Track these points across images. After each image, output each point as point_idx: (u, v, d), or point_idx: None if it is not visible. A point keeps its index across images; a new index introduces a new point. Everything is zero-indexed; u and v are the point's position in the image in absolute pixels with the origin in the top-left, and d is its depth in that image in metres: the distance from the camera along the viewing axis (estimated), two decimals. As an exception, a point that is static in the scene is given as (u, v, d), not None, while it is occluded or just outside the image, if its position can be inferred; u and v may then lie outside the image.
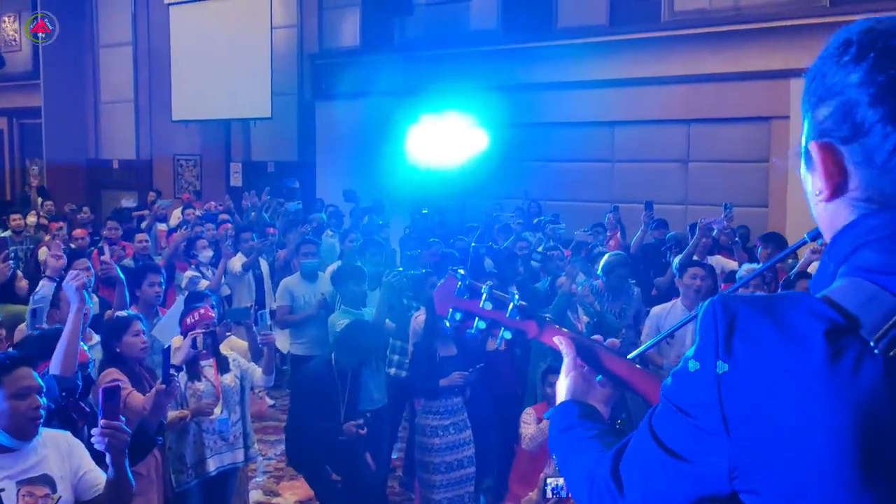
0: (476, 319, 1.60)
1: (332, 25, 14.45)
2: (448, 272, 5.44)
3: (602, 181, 11.85)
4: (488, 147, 11.08)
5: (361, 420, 5.13)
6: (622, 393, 1.60)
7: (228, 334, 5.31)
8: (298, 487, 6.12)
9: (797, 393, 0.92)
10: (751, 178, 10.60)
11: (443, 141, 10.74)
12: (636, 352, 2.02)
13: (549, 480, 4.26)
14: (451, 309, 1.61)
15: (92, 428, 2.84)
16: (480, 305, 1.60)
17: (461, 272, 1.63)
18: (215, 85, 14.79)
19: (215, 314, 5.05)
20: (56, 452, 3.01)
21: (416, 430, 5.46)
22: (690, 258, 6.59)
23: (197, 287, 7.10)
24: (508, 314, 1.59)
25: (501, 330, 1.60)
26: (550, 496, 4.30)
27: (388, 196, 11.97)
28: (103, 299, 6.14)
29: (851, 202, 1.03)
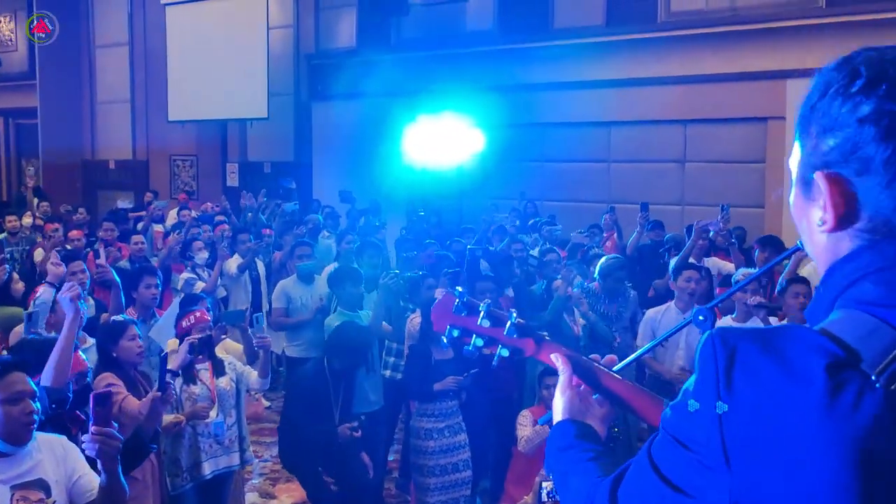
0: (473, 336, 1.61)
1: (329, 26, 14.43)
2: (444, 279, 5.39)
3: (599, 181, 11.84)
4: (485, 147, 11.09)
5: (356, 423, 5.12)
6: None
7: (224, 337, 5.30)
8: (294, 490, 6.11)
9: (798, 428, 0.91)
10: (747, 179, 10.60)
11: (439, 141, 10.75)
12: (628, 359, 2.02)
13: (545, 484, 4.25)
14: (449, 326, 1.61)
15: (85, 434, 2.83)
16: (478, 323, 1.60)
17: (459, 289, 1.63)
18: (212, 85, 14.77)
19: (211, 317, 5.05)
20: (51, 457, 3.01)
21: (411, 433, 5.46)
22: (686, 260, 6.60)
23: (193, 288, 7.10)
24: (506, 332, 1.60)
25: (499, 347, 1.61)
26: (546, 500, 4.30)
27: (385, 196, 11.96)
28: (99, 301, 6.14)
29: (855, 233, 1.02)
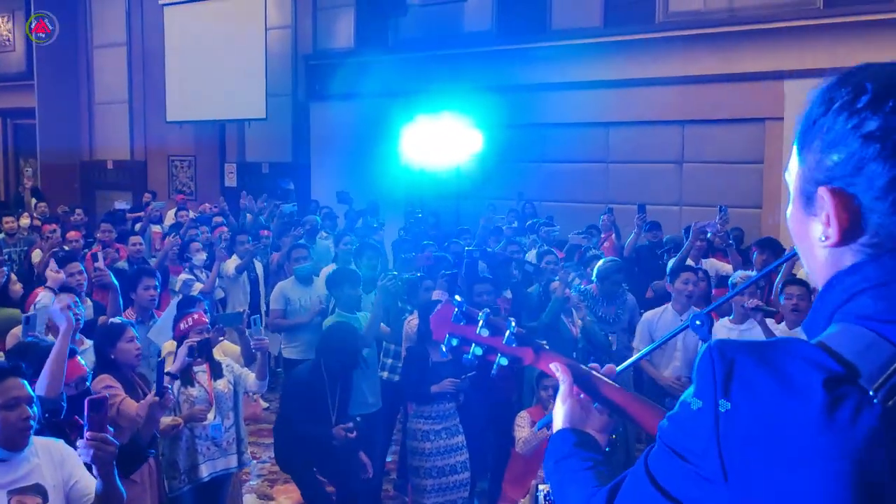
0: (473, 345, 1.61)
1: (327, 26, 14.42)
2: (441, 281, 5.38)
3: (596, 182, 11.84)
4: (483, 148, 11.09)
5: (351, 424, 5.12)
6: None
7: (221, 339, 5.31)
8: (292, 491, 6.10)
9: (795, 442, 0.91)
10: (745, 180, 10.59)
11: (437, 142, 10.75)
12: (626, 364, 2.02)
13: (541, 487, 4.25)
14: (448, 334, 1.62)
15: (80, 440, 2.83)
16: (477, 332, 1.60)
17: (458, 298, 1.63)
18: (210, 85, 14.75)
19: (208, 319, 5.05)
20: (49, 461, 3.00)
21: (408, 435, 5.46)
22: (684, 262, 6.60)
23: (191, 290, 7.09)
24: (505, 340, 1.60)
25: (498, 356, 1.61)
26: (542, 503, 4.30)
27: (383, 197, 11.96)
28: (97, 303, 6.13)
29: (858, 248, 1.01)
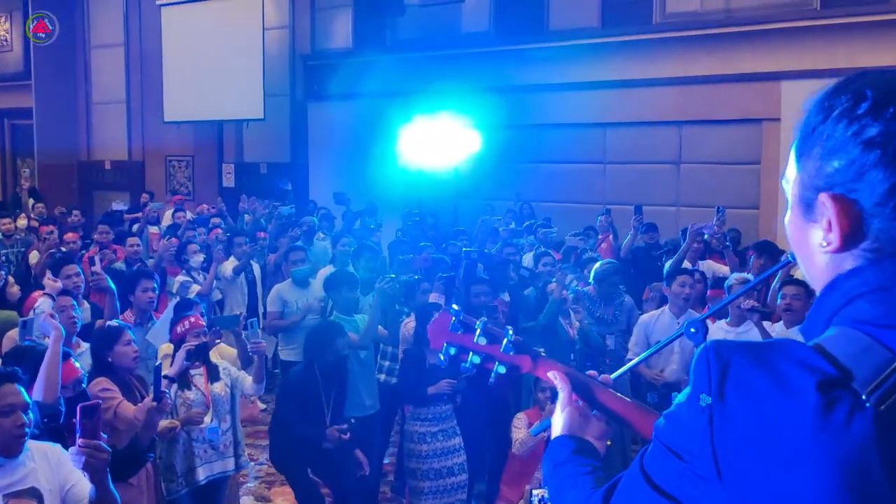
0: (470, 354, 1.62)
1: (325, 26, 14.41)
2: (438, 284, 5.39)
3: (594, 183, 11.85)
4: (481, 148, 11.08)
5: (346, 425, 5.11)
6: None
7: (218, 341, 5.31)
8: (290, 493, 6.08)
9: (788, 444, 0.92)
10: (742, 180, 10.60)
11: (435, 142, 10.74)
12: (623, 368, 2.02)
13: (536, 492, 4.26)
14: (446, 343, 1.62)
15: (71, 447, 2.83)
16: (475, 340, 1.61)
17: (455, 307, 1.64)
18: (207, 86, 14.73)
19: (205, 322, 5.06)
20: (45, 465, 3.00)
21: (405, 437, 5.47)
22: (680, 264, 6.61)
23: (188, 292, 7.10)
24: (503, 349, 1.61)
25: (496, 364, 1.62)
26: None
27: (381, 197, 11.95)
28: (94, 305, 6.12)
29: (859, 253, 1.01)
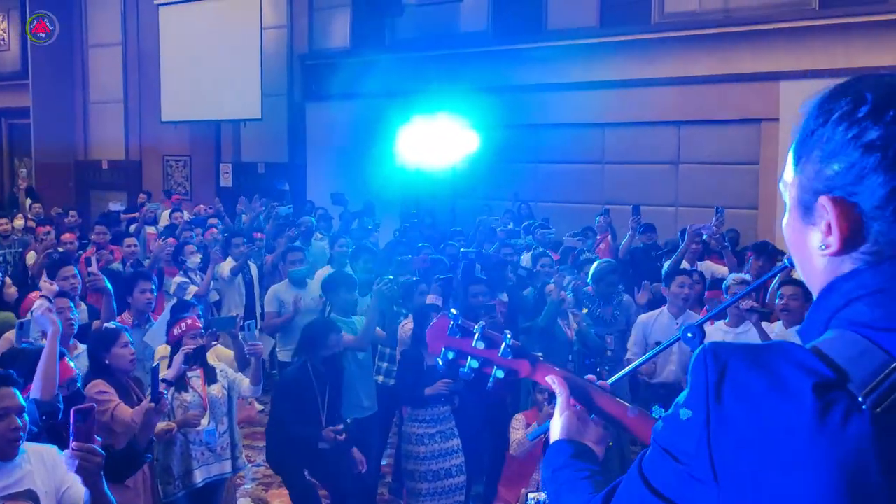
0: (469, 358, 1.62)
1: (323, 26, 14.40)
2: (436, 286, 5.36)
3: (592, 183, 11.84)
4: (479, 148, 11.08)
5: (341, 426, 5.10)
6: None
7: (214, 343, 5.29)
8: (287, 495, 6.08)
9: (785, 446, 0.92)
10: (741, 180, 10.61)
11: (433, 142, 10.73)
12: (621, 373, 2.01)
13: (531, 496, 4.25)
14: (444, 348, 1.62)
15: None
16: (473, 345, 1.61)
17: (454, 312, 1.64)
18: (205, 86, 14.72)
19: (202, 324, 5.04)
20: (41, 467, 2.99)
21: (403, 438, 5.46)
22: (679, 265, 6.60)
23: (186, 293, 7.08)
24: (501, 353, 1.61)
25: (494, 369, 1.62)
26: None
27: (379, 197, 11.95)
28: (92, 307, 6.10)
29: (858, 255, 1.01)
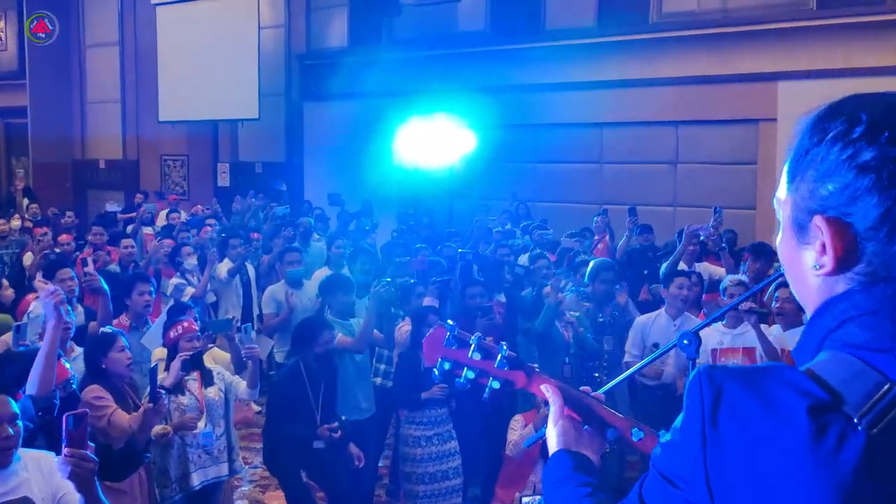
0: (465, 369, 1.62)
1: (320, 26, 14.39)
2: (432, 288, 5.34)
3: (591, 183, 11.84)
4: (476, 148, 11.07)
5: (336, 423, 5.08)
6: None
7: (211, 346, 5.28)
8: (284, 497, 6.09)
9: (781, 469, 0.92)
10: (739, 180, 10.60)
11: (431, 142, 10.72)
12: (620, 378, 2.01)
13: (525, 500, 4.25)
14: (441, 358, 1.62)
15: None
16: (469, 355, 1.61)
17: (450, 322, 1.63)
18: (202, 85, 14.71)
19: (198, 326, 5.03)
20: (38, 474, 2.98)
21: (400, 441, 5.45)
22: (676, 266, 6.59)
23: (183, 294, 7.06)
24: (497, 364, 1.61)
25: (490, 379, 1.62)
26: None
27: (377, 197, 11.94)
28: (89, 309, 6.07)
29: (852, 276, 1.01)
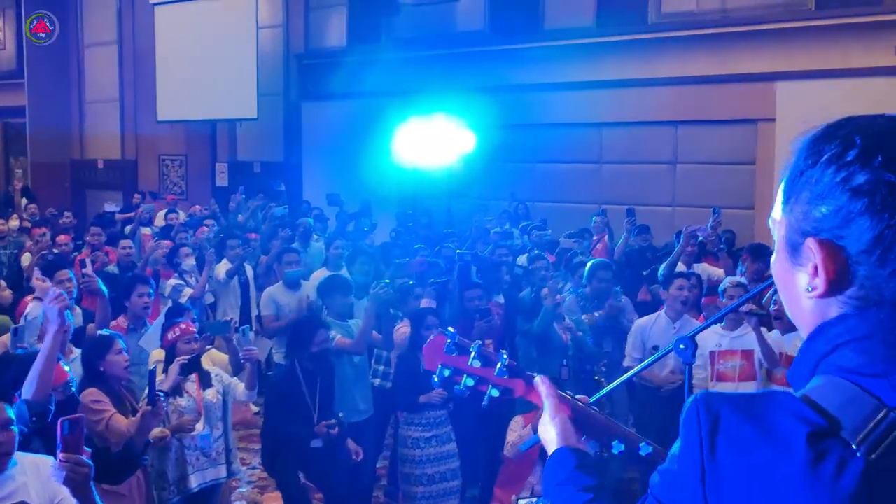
0: (464, 376, 1.61)
1: (319, 25, 14.38)
2: (430, 290, 5.33)
3: (589, 183, 11.83)
4: (475, 148, 11.07)
5: (333, 420, 5.07)
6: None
7: (209, 348, 5.27)
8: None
9: (780, 496, 0.92)
10: (738, 180, 10.60)
11: (430, 142, 10.72)
12: (618, 381, 2.01)
13: (522, 501, 4.25)
14: (441, 365, 1.62)
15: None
16: (469, 363, 1.61)
17: (451, 329, 1.63)
18: (201, 85, 14.69)
19: (196, 327, 5.03)
20: (35, 478, 2.98)
21: (399, 442, 5.45)
22: (674, 267, 6.59)
23: (181, 295, 7.05)
24: (497, 372, 1.60)
25: (489, 387, 1.61)
26: None
27: (375, 197, 11.93)
28: (86, 310, 6.06)
29: (845, 299, 1.00)
